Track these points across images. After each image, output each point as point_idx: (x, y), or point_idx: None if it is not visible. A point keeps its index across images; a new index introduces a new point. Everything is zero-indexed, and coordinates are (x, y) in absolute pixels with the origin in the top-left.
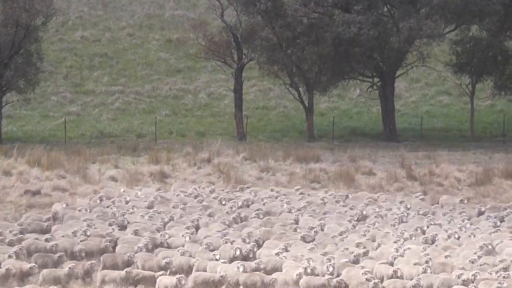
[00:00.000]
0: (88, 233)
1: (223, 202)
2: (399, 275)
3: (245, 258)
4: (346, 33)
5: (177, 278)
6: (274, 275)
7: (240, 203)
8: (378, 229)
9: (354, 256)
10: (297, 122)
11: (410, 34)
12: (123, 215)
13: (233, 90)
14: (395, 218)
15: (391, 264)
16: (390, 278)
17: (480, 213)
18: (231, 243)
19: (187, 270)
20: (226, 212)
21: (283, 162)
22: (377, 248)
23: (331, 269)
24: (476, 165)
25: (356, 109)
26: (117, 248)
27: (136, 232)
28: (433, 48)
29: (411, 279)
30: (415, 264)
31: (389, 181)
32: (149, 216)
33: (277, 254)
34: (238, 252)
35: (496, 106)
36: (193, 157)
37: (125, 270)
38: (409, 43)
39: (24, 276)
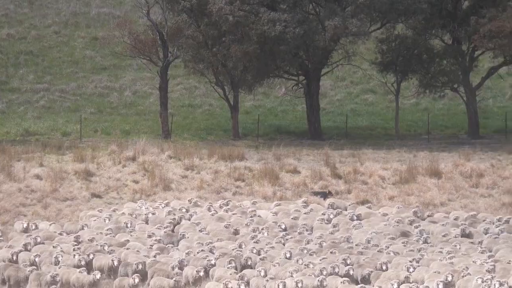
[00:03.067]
0: None
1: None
2: None
3: None
4: (272, 31)
5: None
6: None
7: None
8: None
9: None
10: (222, 120)
11: (335, 32)
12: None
13: (159, 88)
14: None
15: None
16: None
17: None
18: None
19: None
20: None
21: (208, 160)
22: None
23: None
24: (401, 163)
25: (281, 107)
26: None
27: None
28: (358, 47)
29: None
30: None
31: (313, 179)
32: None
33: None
34: None
35: (421, 105)
36: (118, 155)
37: None
38: (334, 42)
39: None
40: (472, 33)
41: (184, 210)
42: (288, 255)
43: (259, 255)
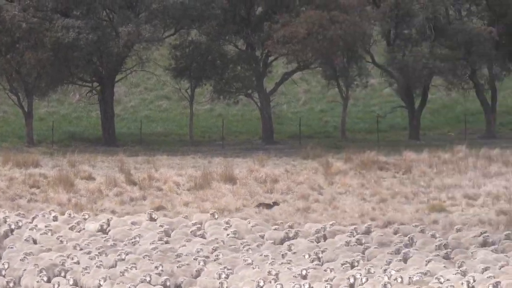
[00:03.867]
0: None
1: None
2: None
3: None
4: (65, 37)
5: None
6: None
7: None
8: None
9: None
10: (16, 127)
11: (129, 38)
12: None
13: None
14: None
15: None
16: None
17: None
18: None
19: None
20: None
21: (2, 167)
22: None
23: None
24: (195, 169)
25: (75, 113)
26: None
27: None
28: (152, 53)
29: None
30: None
31: (108, 185)
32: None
33: None
34: None
35: (215, 111)
36: None
37: None
38: (128, 48)
39: None
40: (265, 39)
41: (9, 220)
42: (99, 263)
43: (78, 264)
